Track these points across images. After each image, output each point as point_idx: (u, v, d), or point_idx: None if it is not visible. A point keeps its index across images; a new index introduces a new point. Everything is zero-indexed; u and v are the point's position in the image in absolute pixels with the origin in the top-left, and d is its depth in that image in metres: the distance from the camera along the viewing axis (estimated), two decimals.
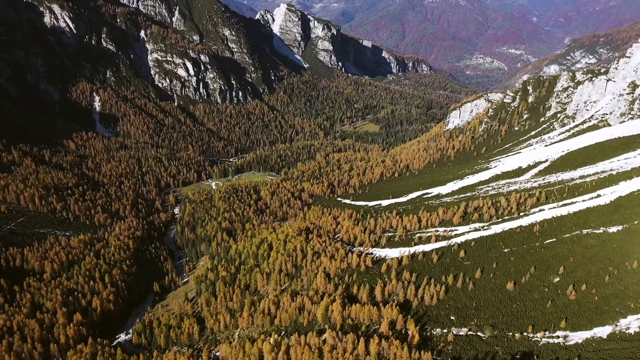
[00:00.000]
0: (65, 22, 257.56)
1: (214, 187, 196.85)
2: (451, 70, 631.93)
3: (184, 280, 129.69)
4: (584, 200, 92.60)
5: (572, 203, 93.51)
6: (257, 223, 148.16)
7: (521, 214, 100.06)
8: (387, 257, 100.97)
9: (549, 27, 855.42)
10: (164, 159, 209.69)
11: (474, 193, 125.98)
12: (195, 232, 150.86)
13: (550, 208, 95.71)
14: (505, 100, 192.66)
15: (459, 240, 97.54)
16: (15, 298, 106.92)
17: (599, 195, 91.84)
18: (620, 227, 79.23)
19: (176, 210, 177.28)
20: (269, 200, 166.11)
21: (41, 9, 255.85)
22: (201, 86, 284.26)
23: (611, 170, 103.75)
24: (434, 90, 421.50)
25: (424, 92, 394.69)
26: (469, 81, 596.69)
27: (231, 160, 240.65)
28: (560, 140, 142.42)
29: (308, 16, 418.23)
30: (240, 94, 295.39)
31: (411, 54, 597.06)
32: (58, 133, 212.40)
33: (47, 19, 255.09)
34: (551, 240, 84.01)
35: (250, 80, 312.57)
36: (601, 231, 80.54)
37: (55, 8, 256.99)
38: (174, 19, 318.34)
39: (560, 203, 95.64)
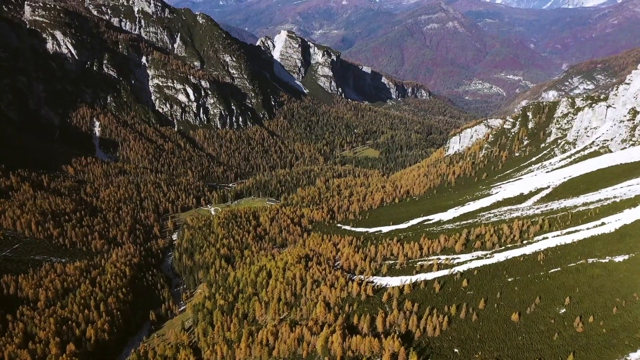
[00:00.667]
0: (68, 48, 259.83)
1: (213, 212, 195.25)
2: (450, 96, 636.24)
3: (181, 308, 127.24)
4: (588, 229, 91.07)
5: (576, 231, 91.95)
6: (256, 250, 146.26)
7: (524, 242, 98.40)
8: (388, 286, 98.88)
9: (546, 54, 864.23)
10: (163, 184, 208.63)
11: (475, 220, 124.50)
12: (193, 258, 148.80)
13: (554, 236, 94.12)
14: (505, 126, 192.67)
15: (461, 268, 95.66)
16: (7, 327, 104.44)
17: (603, 223, 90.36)
18: (626, 257, 77.56)
19: (174, 236, 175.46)
20: (268, 227, 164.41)
21: (44, 35, 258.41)
22: (201, 111, 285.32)
23: (614, 197, 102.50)
24: (434, 116, 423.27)
25: (424, 118, 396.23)
26: (468, 106, 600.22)
27: (230, 185, 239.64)
28: (562, 167, 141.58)
29: (308, 42, 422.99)
30: (240, 119, 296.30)
31: (410, 79, 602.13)
32: (57, 158, 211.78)
33: (49, 45, 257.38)
34: (556, 270, 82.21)
35: (250, 105, 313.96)
36: (607, 260, 78.83)
37: (58, 35, 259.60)
38: (176, 45, 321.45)
39: (564, 231, 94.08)
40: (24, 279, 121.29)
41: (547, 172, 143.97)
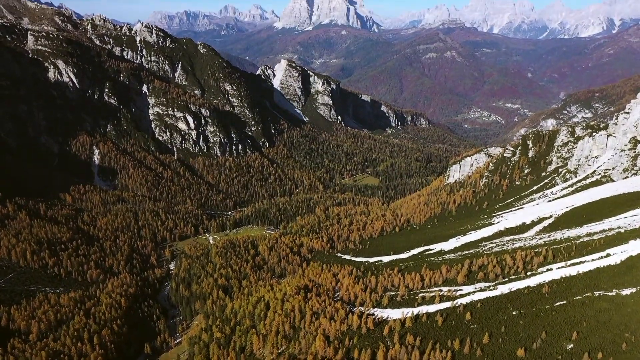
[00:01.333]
0: (69, 77, 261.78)
1: (211, 241, 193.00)
2: (449, 124, 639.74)
3: (177, 340, 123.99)
4: (593, 260, 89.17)
5: (581, 262, 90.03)
6: (255, 280, 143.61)
7: (528, 273, 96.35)
8: (389, 318, 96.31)
9: (543, 83, 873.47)
10: (161, 213, 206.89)
11: (477, 250, 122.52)
12: (190, 289, 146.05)
13: (559, 267, 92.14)
14: (505, 155, 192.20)
15: (464, 301, 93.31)
16: None
17: (608, 255, 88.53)
18: (634, 290, 75.53)
19: (172, 266, 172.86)
20: (267, 256, 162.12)
21: (46, 64, 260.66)
22: (201, 139, 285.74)
23: (619, 227, 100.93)
24: (433, 144, 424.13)
25: (423, 146, 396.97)
26: (467, 134, 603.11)
27: (229, 213, 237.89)
28: (564, 196, 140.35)
29: (308, 71, 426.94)
30: (240, 147, 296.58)
31: (409, 107, 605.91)
32: (55, 186, 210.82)
33: (51, 74, 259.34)
34: (561, 303, 79.99)
35: (250, 133, 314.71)
36: (614, 293, 76.75)
37: (60, 64, 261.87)
38: (177, 74, 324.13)
39: (569, 262, 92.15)
40: (16, 311, 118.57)
41: (548, 201, 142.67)
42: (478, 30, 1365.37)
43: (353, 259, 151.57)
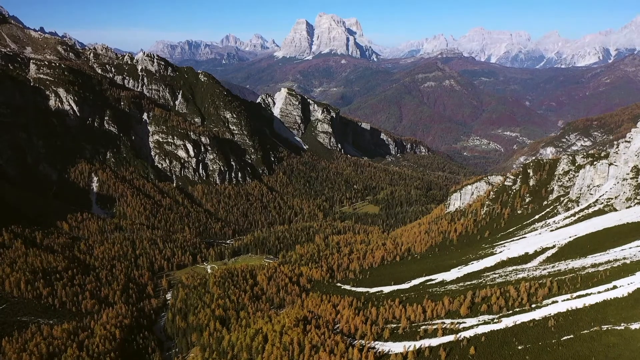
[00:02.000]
0: (70, 105, 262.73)
1: (209, 270, 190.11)
2: (449, 152, 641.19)
3: None
4: (599, 292, 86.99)
5: (587, 295, 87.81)
6: (253, 311, 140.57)
7: (533, 305, 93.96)
8: (390, 352, 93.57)
9: (541, 111, 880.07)
10: (159, 241, 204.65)
11: (480, 280, 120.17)
12: (186, 320, 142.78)
13: (564, 300, 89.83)
14: (506, 183, 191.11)
15: (467, 334, 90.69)
16: None
17: (615, 287, 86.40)
18: None
19: (168, 296, 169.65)
20: (265, 286, 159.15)
21: (47, 92, 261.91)
22: (200, 167, 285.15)
23: (624, 258, 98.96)
24: (433, 172, 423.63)
25: (423, 173, 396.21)
26: (467, 162, 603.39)
27: (228, 242, 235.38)
28: (566, 225, 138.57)
29: (308, 100, 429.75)
30: (239, 174, 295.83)
31: (409, 135, 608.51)
32: (53, 214, 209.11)
33: (52, 102, 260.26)
34: (569, 337, 77.48)
35: (249, 161, 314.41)
36: (622, 327, 74.39)
37: (61, 92, 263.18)
38: (177, 102, 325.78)
39: (575, 294, 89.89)
40: (7, 343, 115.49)
41: (551, 230, 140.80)
42: (476, 60, 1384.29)
43: (353, 289, 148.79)
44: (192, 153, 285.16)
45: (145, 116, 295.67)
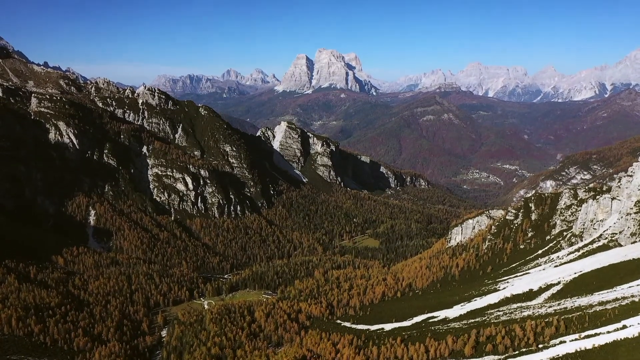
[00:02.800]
0: (70, 138, 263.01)
1: (206, 306, 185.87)
2: (448, 185, 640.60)
3: None
4: (608, 332, 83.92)
5: (595, 335, 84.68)
6: (250, 349, 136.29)
7: (540, 345, 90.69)
8: None
9: (540, 144, 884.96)
10: (155, 276, 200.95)
11: (484, 318, 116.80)
12: (182, 358, 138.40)
13: (572, 340, 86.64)
14: (507, 217, 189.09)
15: None
16: None
17: (624, 327, 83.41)
18: None
19: (164, 333, 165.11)
20: (263, 323, 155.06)
21: (47, 125, 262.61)
22: (199, 200, 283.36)
23: (632, 296, 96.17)
24: (433, 205, 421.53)
25: (423, 207, 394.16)
26: (467, 195, 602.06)
27: (226, 276, 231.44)
28: (571, 261, 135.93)
29: (308, 133, 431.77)
30: (238, 208, 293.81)
31: (408, 168, 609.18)
32: (48, 248, 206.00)
33: (52, 135, 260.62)
34: None
35: (249, 194, 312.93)
36: None
37: (62, 125, 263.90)
38: (177, 135, 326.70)
39: (583, 334, 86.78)
40: None
41: (555, 266, 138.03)
42: (474, 94, 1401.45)
43: (353, 326, 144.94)
44: (191, 186, 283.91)
45: (144, 149, 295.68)
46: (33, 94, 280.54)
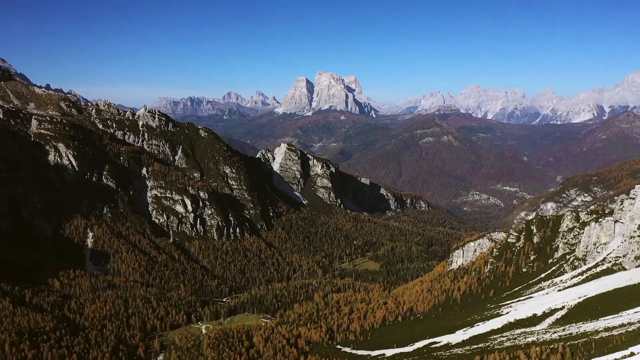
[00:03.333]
0: (69, 159, 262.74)
1: (203, 331, 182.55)
2: (449, 207, 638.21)
3: None
4: (616, 359, 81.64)
5: None
6: None
7: None
8: None
9: (540, 166, 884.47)
10: (152, 299, 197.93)
11: (487, 344, 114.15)
12: None
13: None
14: (509, 240, 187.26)
15: None
16: None
17: (632, 354, 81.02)
18: None
19: (160, 358, 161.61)
20: (262, 348, 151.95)
21: (47, 147, 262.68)
22: (198, 222, 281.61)
23: (639, 322, 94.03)
24: (434, 227, 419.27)
25: (424, 229, 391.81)
26: (467, 217, 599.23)
27: (224, 300, 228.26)
28: (574, 285, 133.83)
29: (307, 155, 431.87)
30: (237, 230, 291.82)
31: (408, 190, 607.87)
32: (44, 270, 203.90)
33: (51, 157, 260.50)
34: None
35: (248, 216, 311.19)
36: None
37: (61, 147, 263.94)
38: (177, 157, 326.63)
39: None
40: None
41: (559, 290, 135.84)
42: (473, 116, 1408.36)
43: (354, 352, 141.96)
44: (190, 208, 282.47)
45: (144, 171, 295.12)
46: (33, 116, 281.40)
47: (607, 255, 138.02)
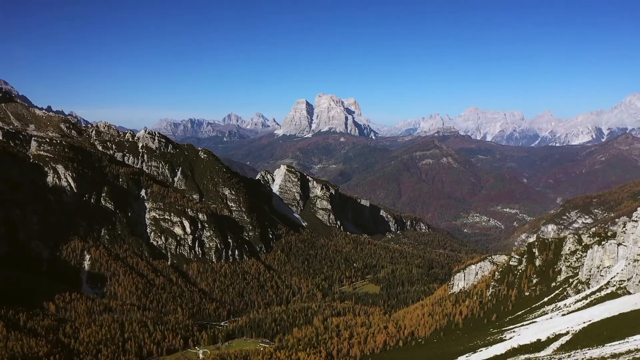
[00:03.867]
0: (67, 181, 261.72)
1: (201, 356, 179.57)
2: (449, 228, 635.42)
3: None
4: None
5: None
6: None
7: None
8: None
9: (539, 188, 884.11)
10: (149, 323, 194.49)
11: None
12: None
13: None
14: (511, 263, 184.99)
15: None
16: None
17: None
18: None
19: None
20: None
21: (46, 169, 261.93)
22: (197, 244, 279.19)
23: None
24: (434, 249, 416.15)
25: (424, 251, 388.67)
26: (468, 239, 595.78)
27: (222, 324, 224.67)
28: (579, 309, 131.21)
29: (307, 176, 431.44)
30: (236, 252, 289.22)
31: (408, 212, 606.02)
32: (40, 293, 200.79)
33: (49, 179, 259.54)
34: None
35: (247, 238, 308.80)
36: None
37: (60, 168, 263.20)
38: (176, 179, 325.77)
39: None
40: None
41: (563, 315, 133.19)
42: (472, 138, 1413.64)
43: None
44: (188, 230, 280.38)
45: (143, 192, 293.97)
46: (33, 138, 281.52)
47: (611, 278, 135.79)
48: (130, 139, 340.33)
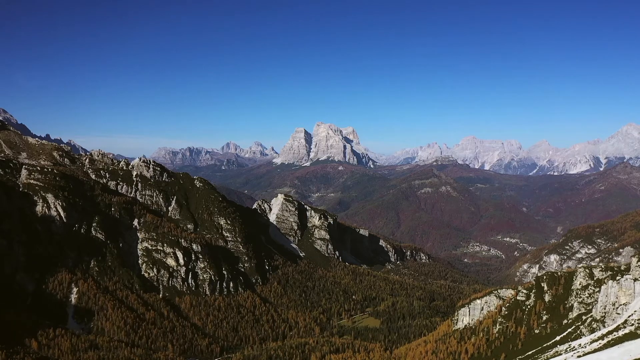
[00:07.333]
0: (57, 211, 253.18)
1: None
2: (449, 258, 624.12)
3: None
4: None
5: None
6: None
7: None
8: None
9: (539, 217, 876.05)
10: None
11: None
12: None
13: None
14: (518, 298, 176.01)
15: None
16: None
17: None
18: None
19: None
20: None
21: (35, 198, 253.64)
22: (190, 276, 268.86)
23: None
24: (435, 280, 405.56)
25: (425, 282, 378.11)
26: (468, 269, 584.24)
27: None
28: (595, 350, 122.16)
29: (305, 205, 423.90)
30: (231, 284, 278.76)
31: (408, 241, 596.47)
32: (22, 330, 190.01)
33: (38, 208, 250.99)
34: None
35: (242, 270, 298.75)
36: None
37: (50, 197, 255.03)
38: (170, 208, 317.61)
39: None
40: None
41: (578, 356, 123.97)
42: (470, 167, 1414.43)
43: None
44: (181, 261, 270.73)
45: (135, 222, 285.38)
46: (24, 166, 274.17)
47: (629, 317, 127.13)
48: (125, 168, 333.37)
